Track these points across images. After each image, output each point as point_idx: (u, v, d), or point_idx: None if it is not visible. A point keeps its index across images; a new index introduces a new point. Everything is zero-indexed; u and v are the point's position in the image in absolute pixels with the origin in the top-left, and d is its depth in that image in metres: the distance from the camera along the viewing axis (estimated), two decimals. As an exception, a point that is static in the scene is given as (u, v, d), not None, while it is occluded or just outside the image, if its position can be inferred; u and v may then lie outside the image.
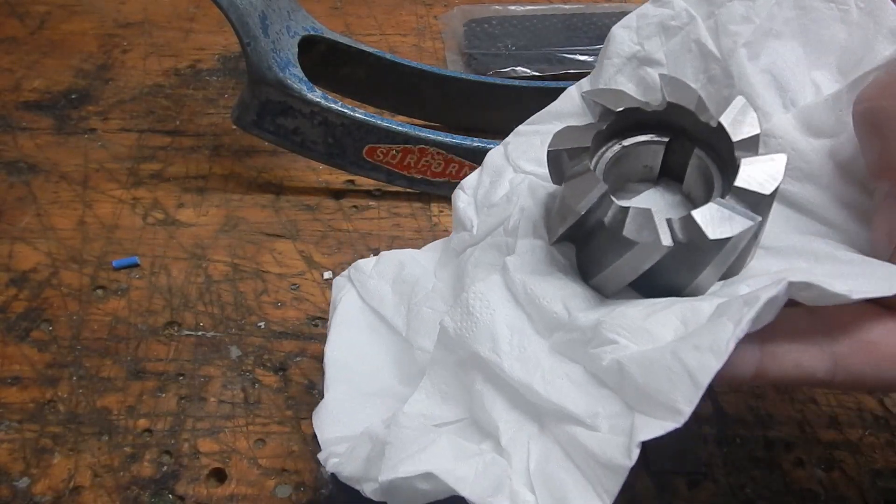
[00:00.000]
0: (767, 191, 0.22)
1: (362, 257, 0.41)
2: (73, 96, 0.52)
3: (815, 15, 0.27)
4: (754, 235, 0.23)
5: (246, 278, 0.41)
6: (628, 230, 0.22)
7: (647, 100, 0.26)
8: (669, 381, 0.20)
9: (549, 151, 0.25)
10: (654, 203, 0.27)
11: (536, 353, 0.24)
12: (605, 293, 0.25)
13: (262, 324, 0.38)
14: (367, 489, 0.24)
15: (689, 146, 0.26)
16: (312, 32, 0.44)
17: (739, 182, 0.22)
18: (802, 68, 0.27)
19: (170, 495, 0.32)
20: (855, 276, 0.22)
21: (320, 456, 0.26)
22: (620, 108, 0.25)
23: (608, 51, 0.30)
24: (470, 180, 0.31)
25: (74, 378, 0.36)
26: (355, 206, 0.45)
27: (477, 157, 0.42)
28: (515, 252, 0.26)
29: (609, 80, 0.29)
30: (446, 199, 0.45)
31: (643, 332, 0.22)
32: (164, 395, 0.35)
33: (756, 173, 0.22)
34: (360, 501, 0.32)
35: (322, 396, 0.35)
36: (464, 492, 0.22)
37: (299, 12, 0.44)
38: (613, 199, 0.23)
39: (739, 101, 0.24)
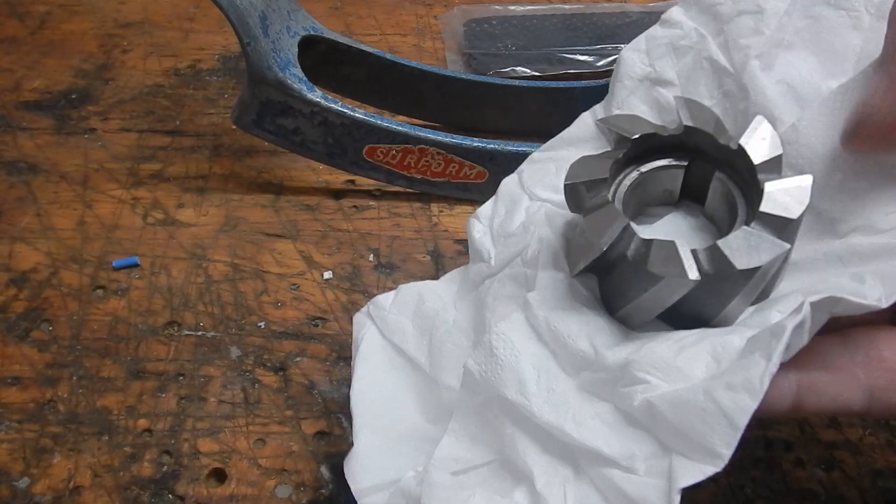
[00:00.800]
0: (794, 215, 0.22)
1: (362, 257, 0.42)
2: (73, 96, 0.52)
3: (826, 23, 0.27)
4: (784, 260, 0.23)
5: (246, 278, 0.41)
6: (653, 264, 0.21)
7: (664, 122, 0.26)
8: (705, 423, 0.20)
9: (566, 185, 0.24)
10: (677, 227, 0.27)
11: (565, 393, 0.23)
12: (630, 326, 0.24)
13: (262, 324, 0.38)
14: None
15: (709, 169, 0.25)
16: (312, 32, 0.44)
17: (765, 207, 0.22)
18: (817, 77, 0.26)
19: (170, 495, 0.32)
20: (884, 277, 0.21)
21: None
22: (636, 135, 0.25)
23: (619, 74, 0.30)
24: (485, 209, 0.30)
25: (74, 378, 0.36)
26: (355, 206, 0.45)
27: (477, 157, 0.43)
28: (536, 286, 0.26)
29: (622, 103, 0.29)
30: (446, 199, 0.45)
31: (674, 371, 0.21)
32: (164, 395, 0.35)
33: (781, 197, 0.22)
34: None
35: (322, 398, 0.35)
36: None
37: (299, 12, 0.44)
38: (636, 230, 0.22)
39: (759, 120, 0.24)
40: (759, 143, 0.23)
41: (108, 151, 0.48)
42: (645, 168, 0.26)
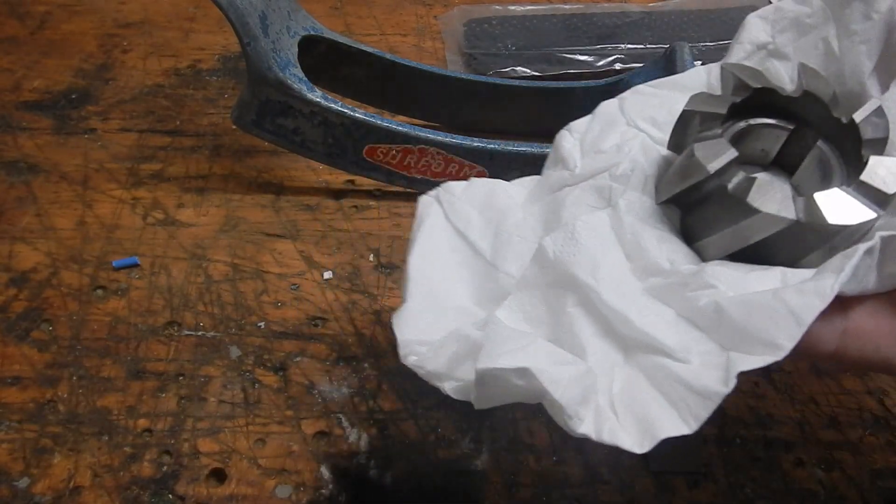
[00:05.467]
0: (891, 190, 0.22)
1: (362, 257, 0.42)
2: (73, 96, 0.52)
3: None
4: (869, 230, 0.24)
5: (246, 278, 0.41)
6: (753, 198, 0.22)
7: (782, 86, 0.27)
8: (771, 320, 0.21)
9: (683, 111, 0.25)
10: None
11: (632, 290, 0.24)
12: (704, 259, 0.25)
13: (262, 324, 0.38)
14: (448, 387, 0.25)
15: (812, 138, 0.26)
16: (312, 32, 0.44)
17: (864, 177, 0.23)
18: None
19: (170, 495, 0.32)
20: None
21: (400, 352, 0.27)
22: (758, 86, 0.25)
23: (741, 36, 0.31)
24: (579, 124, 0.31)
25: (74, 378, 0.36)
26: (355, 206, 0.45)
27: (477, 157, 0.42)
28: (625, 200, 0.27)
29: None
30: (446, 199, 0.45)
31: (742, 282, 0.22)
32: (164, 395, 0.35)
33: (882, 171, 0.23)
34: (362, 502, 0.32)
35: (322, 398, 0.35)
36: (555, 394, 0.22)
37: (299, 12, 0.44)
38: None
39: (875, 102, 0.24)
40: (870, 122, 0.24)
41: (108, 151, 0.48)
42: (754, 121, 0.26)
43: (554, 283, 0.26)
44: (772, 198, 0.22)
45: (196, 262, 0.41)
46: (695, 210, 0.25)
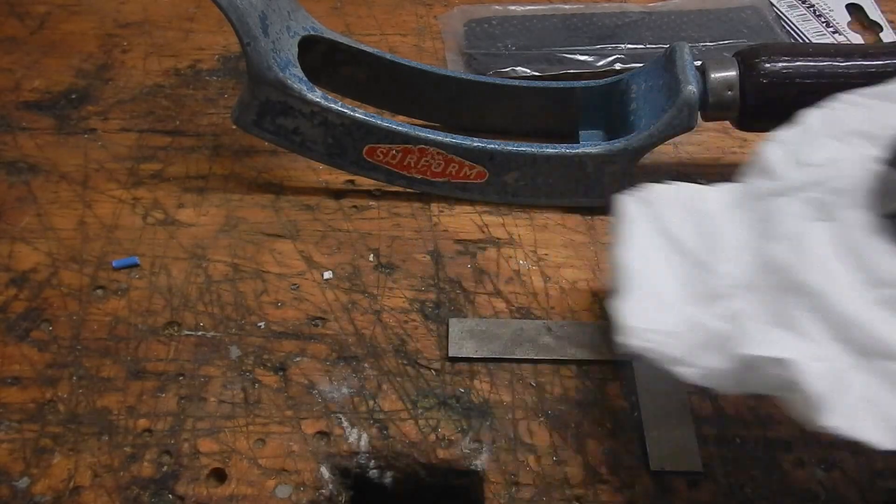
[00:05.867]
0: None
1: (362, 257, 0.42)
2: (73, 96, 0.52)
3: None
4: None
5: (246, 278, 0.41)
6: None
7: None
8: None
9: None
10: None
11: (863, 299, 0.25)
12: None
13: (262, 324, 0.38)
14: (686, 372, 0.26)
15: None
16: (312, 32, 0.44)
17: None
18: None
19: (170, 495, 0.32)
20: None
21: (628, 338, 0.27)
22: None
23: None
24: (787, 134, 0.32)
25: (74, 378, 0.36)
26: (355, 206, 0.45)
27: (477, 157, 0.42)
28: (844, 214, 0.27)
29: None
30: (446, 199, 0.45)
31: None
32: (164, 395, 0.35)
33: None
34: (362, 502, 0.32)
35: (322, 398, 0.35)
36: (812, 385, 0.23)
37: (299, 12, 0.44)
38: None
39: None
40: None
41: (108, 151, 0.48)
42: None
43: (781, 287, 0.26)
44: None
45: (196, 262, 0.41)
46: None
